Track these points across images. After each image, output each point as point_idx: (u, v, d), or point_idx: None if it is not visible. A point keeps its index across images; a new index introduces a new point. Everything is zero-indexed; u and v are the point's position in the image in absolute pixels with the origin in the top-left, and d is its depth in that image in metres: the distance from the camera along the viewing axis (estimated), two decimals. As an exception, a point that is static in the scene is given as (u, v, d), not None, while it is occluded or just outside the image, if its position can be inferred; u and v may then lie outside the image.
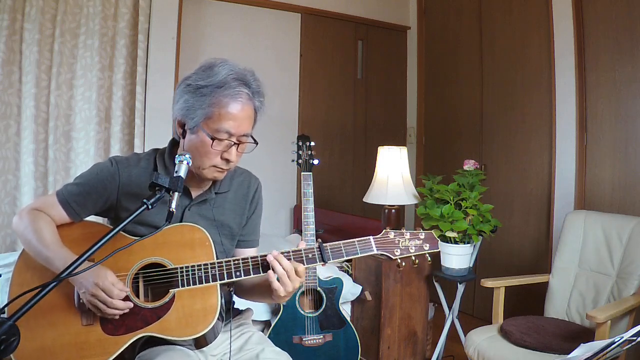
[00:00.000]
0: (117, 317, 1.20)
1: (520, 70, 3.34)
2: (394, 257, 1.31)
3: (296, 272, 1.23)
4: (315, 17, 3.88)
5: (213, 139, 1.23)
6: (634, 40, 2.68)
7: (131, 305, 1.20)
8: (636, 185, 2.69)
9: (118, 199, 1.32)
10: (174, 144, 1.39)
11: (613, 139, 2.80)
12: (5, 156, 2.79)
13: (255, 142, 1.31)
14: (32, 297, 0.92)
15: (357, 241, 1.30)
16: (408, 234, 1.33)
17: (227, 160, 1.27)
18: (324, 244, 1.28)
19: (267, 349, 1.40)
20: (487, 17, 3.61)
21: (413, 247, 1.32)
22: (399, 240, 1.32)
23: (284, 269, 1.22)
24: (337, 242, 1.29)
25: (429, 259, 1.36)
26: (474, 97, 3.70)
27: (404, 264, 1.34)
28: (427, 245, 1.33)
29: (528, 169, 3.30)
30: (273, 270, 1.22)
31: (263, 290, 1.33)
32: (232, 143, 1.25)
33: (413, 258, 1.33)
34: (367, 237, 1.31)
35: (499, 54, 3.51)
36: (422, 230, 1.35)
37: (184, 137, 1.29)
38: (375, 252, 1.30)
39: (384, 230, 1.33)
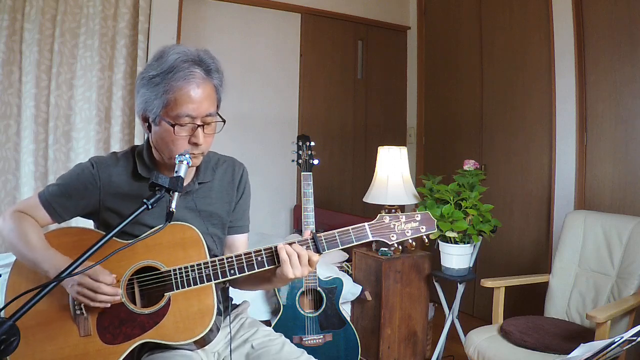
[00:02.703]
0: (109, 305, 1.17)
1: (520, 70, 3.34)
2: (390, 243, 1.28)
3: (309, 260, 1.22)
4: (315, 17, 3.88)
5: (174, 125, 1.20)
6: (633, 41, 2.68)
7: (119, 293, 1.17)
8: (636, 185, 2.69)
9: (101, 200, 1.31)
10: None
11: (613, 139, 2.80)
12: (5, 156, 2.78)
13: (223, 120, 1.28)
14: (31, 297, 0.92)
15: (352, 229, 1.25)
16: (404, 217, 1.28)
17: (196, 144, 1.24)
18: (318, 234, 1.25)
19: (260, 330, 1.42)
20: (487, 17, 3.61)
21: (409, 231, 1.28)
22: (394, 225, 1.27)
23: (297, 253, 1.22)
24: (331, 231, 1.25)
25: (427, 240, 1.33)
26: (474, 97, 3.70)
27: (401, 247, 1.30)
28: (424, 227, 1.29)
29: (528, 169, 3.29)
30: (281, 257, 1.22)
31: (260, 277, 1.32)
32: (196, 125, 1.22)
33: (410, 241, 1.29)
34: (362, 224, 1.26)
35: (499, 54, 3.51)
36: (417, 212, 1.31)
37: (150, 131, 1.28)
38: (371, 238, 1.26)
39: (379, 215, 1.29)
